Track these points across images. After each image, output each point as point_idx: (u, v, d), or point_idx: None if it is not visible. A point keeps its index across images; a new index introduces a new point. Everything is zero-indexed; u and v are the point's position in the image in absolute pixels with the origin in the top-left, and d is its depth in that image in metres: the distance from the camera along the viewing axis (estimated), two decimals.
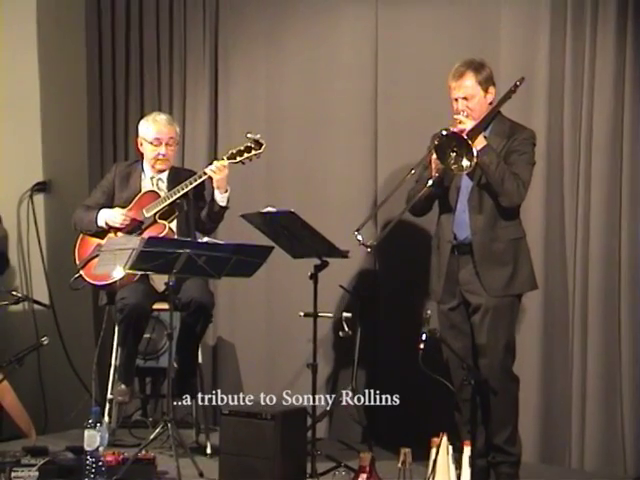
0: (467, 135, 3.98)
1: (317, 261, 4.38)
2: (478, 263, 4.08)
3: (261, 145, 4.59)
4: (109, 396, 4.76)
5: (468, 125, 4.05)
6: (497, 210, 4.08)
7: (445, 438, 3.85)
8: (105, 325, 5.00)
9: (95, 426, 3.79)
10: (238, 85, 5.51)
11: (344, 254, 4.36)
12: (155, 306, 4.67)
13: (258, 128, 4.76)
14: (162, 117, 4.84)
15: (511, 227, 4.12)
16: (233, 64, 5.52)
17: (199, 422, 4.90)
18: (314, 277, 4.35)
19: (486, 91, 4.14)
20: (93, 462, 3.79)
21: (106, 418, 4.71)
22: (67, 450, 4.33)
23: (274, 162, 5.25)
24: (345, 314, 4.67)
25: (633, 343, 4.49)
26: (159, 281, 4.58)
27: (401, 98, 5.05)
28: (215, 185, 4.63)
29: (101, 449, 3.81)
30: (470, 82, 4.13)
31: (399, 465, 3.92)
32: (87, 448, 3.80)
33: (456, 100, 4.15)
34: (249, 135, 4.60)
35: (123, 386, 4.63)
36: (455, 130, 3.99)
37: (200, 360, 4.79)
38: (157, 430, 4.28)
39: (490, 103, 4.16)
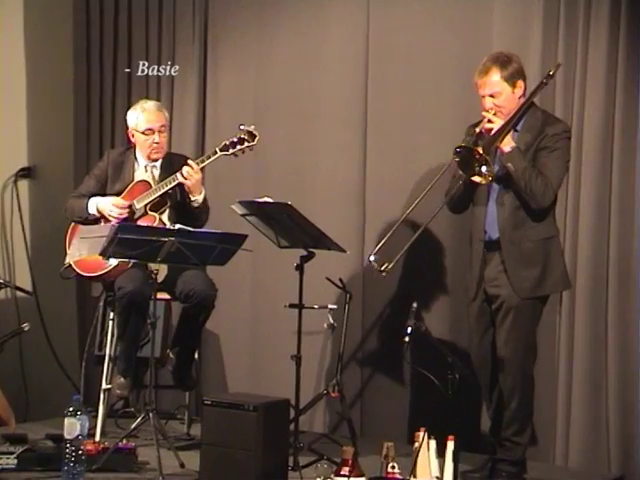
0: (494, 136, 3.94)
1: (303, 252, 4.35)
2: (507, 263, 4.03)
3: (254, 137, 4.52)
4: (104, 386, 4.69)
5: (496, 125, 3.98)
6: (526, 210, 4.02)
7: (425, 433, 3.85)
8: (97, 314, 5.00)
9: (75, 414, 3.74)
10: (227, 76, 5.47)
11: (342, 248, 4.35)
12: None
13: (247, 119, 4.72)
14: (150, 105, 4.77)
15: (541, 226, 4.04)
16: (222, 55, 5.48)
17: (191, 414, 4.90)
18: (300, 268, 4.34)
19: (514, 86, 4.04)
20: (73, 451, 3.75)
21: (101, 408, 4.65)
22: (47, 438, 4.28)
23: (262, 153, 5.20)
24: (330, 306, 4.65)
25: (619, 342, 4.47)
26: (160, 272, 4.49)
27: (391, 90, 5.02)
28: (187, 190, 4.56)
29: (81, 437, 3.77)
30: (496, 79, 4.02)
31: (382, 459, 3.92)
32: (67, 436, 3.75)
33: (484, 97, 4.06)
34: (242, 127, 4.53)
35: (122, 379, 4.56)
36: (469, 145, 3.92)
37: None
38: (138, 420, 4.27)
39: (520, 97, 4.07)
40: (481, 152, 3.86)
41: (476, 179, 3.93)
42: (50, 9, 5.73)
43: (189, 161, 4.58)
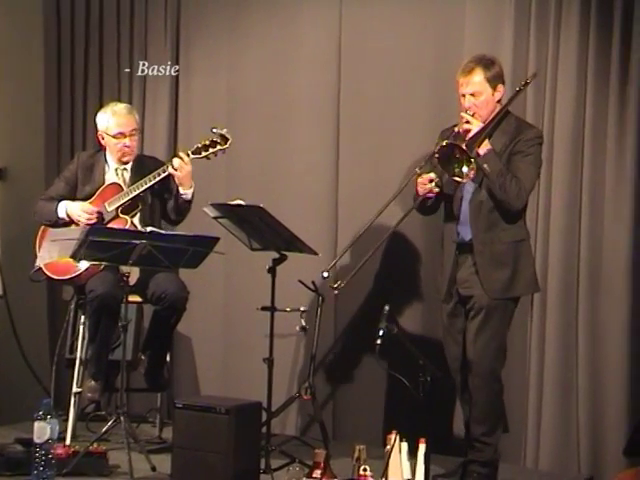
0: (472, 138, 3.98)
1: (275, 254, 4.35)
2: (478, 264, 4.07)
3: (227, 140, 4.52)
4: (75, 389, 4.66)
5: (474, 126, 4.02)
6: (498, 212, 4.06)
7: (396, 435, 3.85)
8: (68, 318, 4.96)
9: (45, 418, 3.71)
10: (199, 78, 5.45)
11: (314, 251, 4.34)
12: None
13: (219, 121, 4.71)
14: (121, 107, 4.74)
15: (513, 229, 4.09)
16: (194, 57, 5.46)
17: (162, 417, 4.88)
18: (272, 271, 4.33)
19: (494, 89, 4.09)
20: (42, 455, 3.72)
21: (71, 412, 4.63)
22: (16, 442, 4.25)
23: (235, 155, 5.18)
24: (303, 308, 4.65)
25: (590, 345, 4.50)
26: (132, 275, 4.46)
27: (364, 92, 5.03)
28: (178, 182, 4.55)
29: (51, 441, 3.74)
30: (479, 78, 4.07)
31: (353, 462, 3.91)
32: (37, 440, 3.72)
33: (463, 96, 4.10)
34: (215, 130, 4.52)
35: (93, 382, 4.53)
36: (455, 142, 3.94)
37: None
38: (109, 423, 4.25)
39: (498, 101, 4.12)
40: (464, 148, 3.89)
41: (457, 179, 3.95)
42: (20, 9, 5.67)
43: (180, 152, 4.56)
